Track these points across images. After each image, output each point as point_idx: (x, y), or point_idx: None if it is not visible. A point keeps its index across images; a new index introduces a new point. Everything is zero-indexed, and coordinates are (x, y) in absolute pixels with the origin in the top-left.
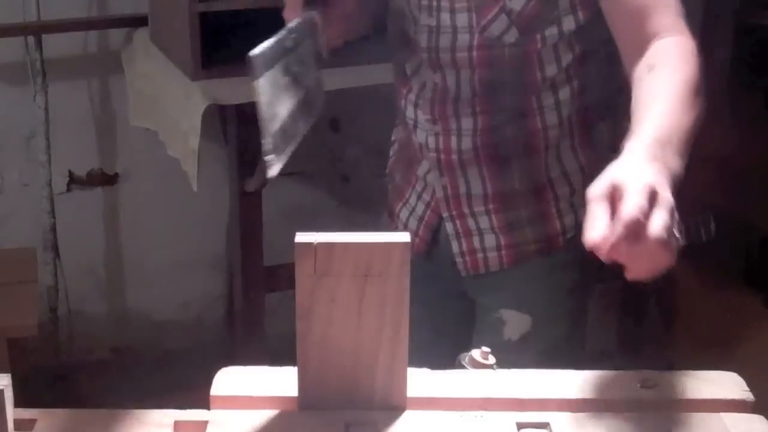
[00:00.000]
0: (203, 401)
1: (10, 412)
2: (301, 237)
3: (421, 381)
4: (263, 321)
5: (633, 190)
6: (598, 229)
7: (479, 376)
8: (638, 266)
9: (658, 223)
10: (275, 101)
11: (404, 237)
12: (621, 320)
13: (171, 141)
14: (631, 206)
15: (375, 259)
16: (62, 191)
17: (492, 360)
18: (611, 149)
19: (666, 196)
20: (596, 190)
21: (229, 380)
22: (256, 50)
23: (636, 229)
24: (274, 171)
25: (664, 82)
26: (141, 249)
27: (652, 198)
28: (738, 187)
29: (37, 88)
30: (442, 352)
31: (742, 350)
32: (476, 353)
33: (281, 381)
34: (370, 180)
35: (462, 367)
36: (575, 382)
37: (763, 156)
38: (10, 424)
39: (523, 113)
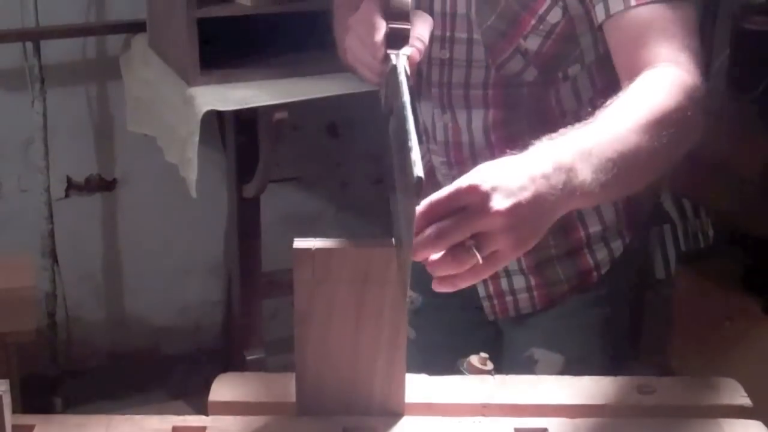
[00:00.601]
0: (201, 407)
1: (9, 418)
2: (299, 243)
3: (419, 387)
4: (261, 327)
5: (443, 191)
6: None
7: (477, 382)
8: (433, 266)
9: (430, 230)
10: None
11: None
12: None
13: (169, 147)
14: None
15: (373, 265)
16: (60, 197)
17: (490, 365)
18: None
19: (477, 209)
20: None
21: (227, 386)
22: (421, 170)
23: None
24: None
25: (623, 103)
26: (139, 255)
27: (455, 202)
28: (736, 192)
29: (36, 94)
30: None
31: (740, 356)
32: (474, 359)
33: (279, 387)
34: (368, 186)
35: (460, 372)
36: (573, 387)
37: (761, 161)
38: (9, 430)
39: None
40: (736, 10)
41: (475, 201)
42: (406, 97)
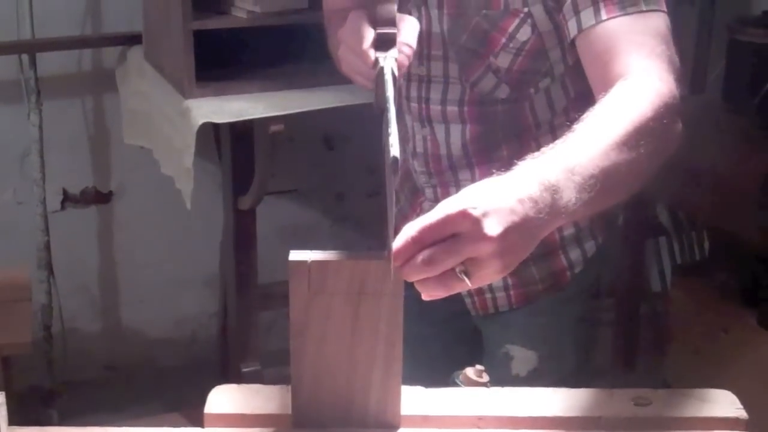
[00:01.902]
0: (197, 419)
1: (5, 430)
2: (294, 255)
3: (414, 399)
4: (257, 339)
5: (433, 216)
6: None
7: (473, 394)
8: (422, 287)
9: (422, 255)
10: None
11: None
12: (615, 338)
13: (165, 159)
14: (404, 235)
15: (369, 277)
16: (56, 209)
17: (486, 378)
18: None
19: (469, 236)
20: (443, 207)
21: (222, 398)
22: (398, 151)
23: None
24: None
25: (600, 116)
26: (135, 267)
27: (447, 227)
28: (732, 205)
29: (32, 106)
30: (453, 367)
31: (736, 368)
32: (470, 371)
33: (275, 399)
34: (364, 198)
35: (456, 385)
36: (569, 399)
37: (757, 174)
38: None
39: (523, 159)
40: (731, 23)
41: (466, 227)
42: (390, 93)
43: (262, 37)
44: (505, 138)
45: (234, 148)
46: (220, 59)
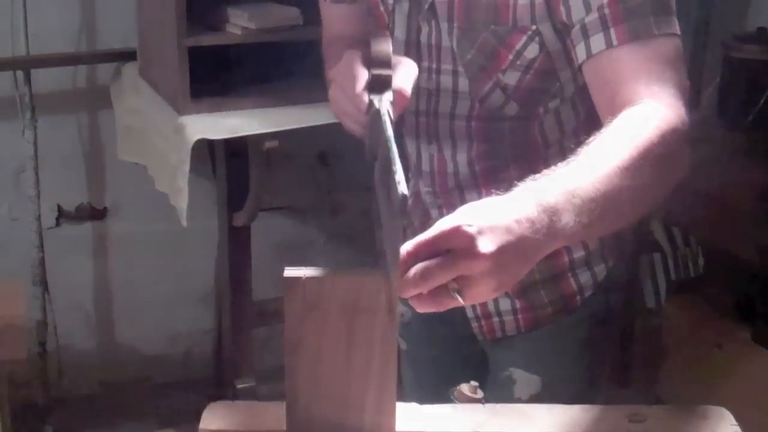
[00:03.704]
0: None
1: None
2: (289, 271)
3: (409, 415)
4: (252, 355)
5: (430, 232)
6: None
7: (468, 411)
8: (415, 302)
9: (415, 269)
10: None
11: None
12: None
13: (160, 175)
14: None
15: (363, 294)
16: (51, 226)
17: (480, 394)
18: None
19: (463, 252)
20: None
21: (217, 415)
22: (405, 188)
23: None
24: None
25: (605, 141)
26: (130, 283)
27: (442, 243)
28: (727, 222)
29: (26, 122)
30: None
31: (730, 384)
32: (465, 387)
33: (270, 416)
34: (358, 215)
35: (451, 401)
36: (564, 416)
37: (752, 190)
38: None
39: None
40: (726, 39)
41: (460, 244)
42: (390, 133)
43: (257, 54)
44: (513, 158)
45: (229, 164)
46: (215, 76)
